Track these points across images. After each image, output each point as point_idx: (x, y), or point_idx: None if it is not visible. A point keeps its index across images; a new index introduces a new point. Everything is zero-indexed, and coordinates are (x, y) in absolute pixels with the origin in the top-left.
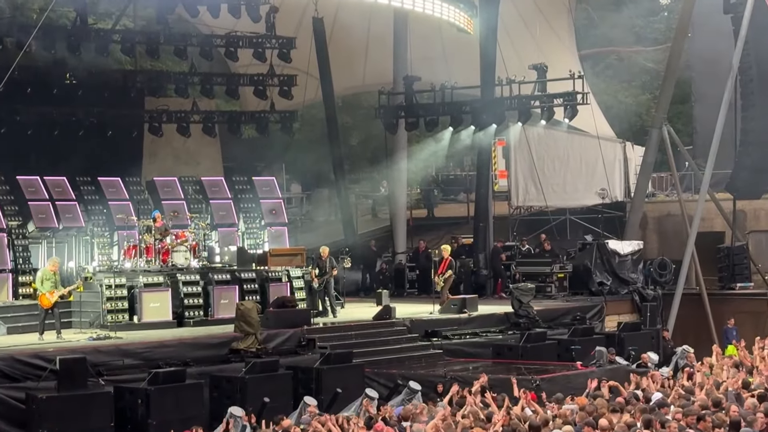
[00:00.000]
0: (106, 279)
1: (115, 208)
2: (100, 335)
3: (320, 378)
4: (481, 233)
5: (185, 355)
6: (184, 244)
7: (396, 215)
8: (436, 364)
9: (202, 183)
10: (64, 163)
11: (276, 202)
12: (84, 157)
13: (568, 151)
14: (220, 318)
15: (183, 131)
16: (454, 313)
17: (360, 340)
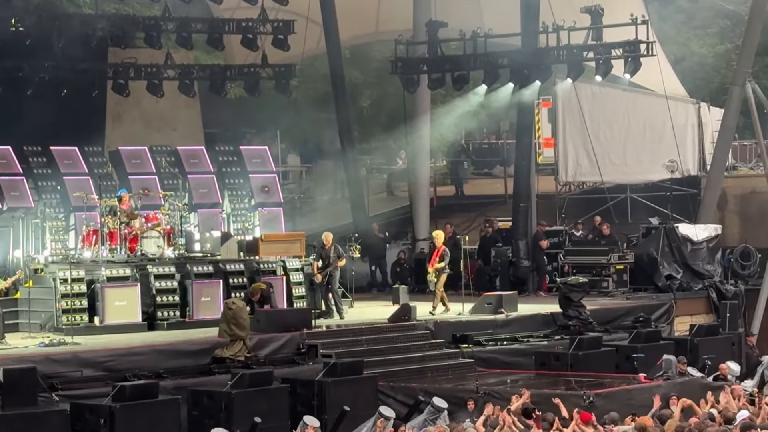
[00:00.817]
0: (61, 271)
1: (71, 185)
2: (53, 340)
3: (324, 393)
4: (521, 215)
5: (158, 365)
6: (156, 228)
7: (417, 193)
8: (465, 376)
9: (178, 153)
10: (9, 129)
11: (269, 177)
12: (33, 122)
13: (629, 114)
14: (201, 319)
15: (154, 90)
16: (489, 313)
17: (372, 347)
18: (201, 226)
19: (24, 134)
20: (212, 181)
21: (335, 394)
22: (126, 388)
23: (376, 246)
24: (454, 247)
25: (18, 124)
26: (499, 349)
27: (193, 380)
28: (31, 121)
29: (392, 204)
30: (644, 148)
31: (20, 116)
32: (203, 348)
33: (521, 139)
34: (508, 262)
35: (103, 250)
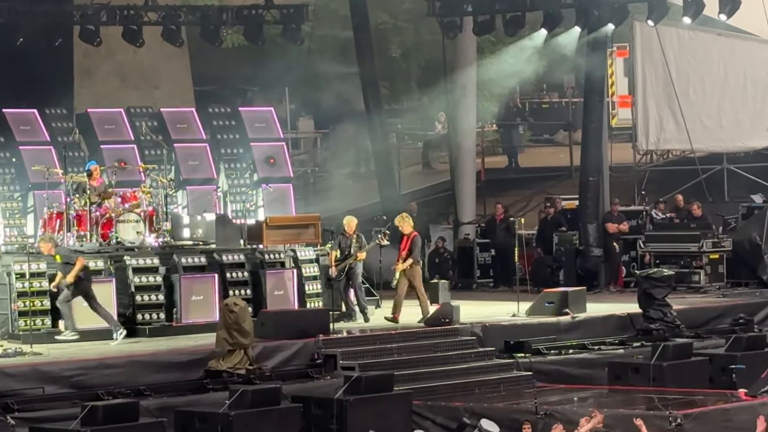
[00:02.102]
0: (17, 264)
1: (29, 156)
2: (7, 350)
3: (345, 414)
4: (590, 192)
5: (138, 380)
6: (134, 210)
7: (460, 166)
8: (521, 392)
9: (162, 117)
10: None
11: (275, 146)
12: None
13: (726, 66)
14: (191, 323)
15: (132, 38)
16: (550, 315)
17: (405, 357)
18: (191, 208)
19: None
20: (205, 151)
21: (359, 415)
22: (98, 409)
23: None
24: (507, 233)
25: None
26: (564, 360)
27: (181, 399)
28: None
29: (429, 179)
30: (744, 108)
31: None
32: (194, 359)
33: (590, 97)
34: (575, 250)
35: (69, 238)
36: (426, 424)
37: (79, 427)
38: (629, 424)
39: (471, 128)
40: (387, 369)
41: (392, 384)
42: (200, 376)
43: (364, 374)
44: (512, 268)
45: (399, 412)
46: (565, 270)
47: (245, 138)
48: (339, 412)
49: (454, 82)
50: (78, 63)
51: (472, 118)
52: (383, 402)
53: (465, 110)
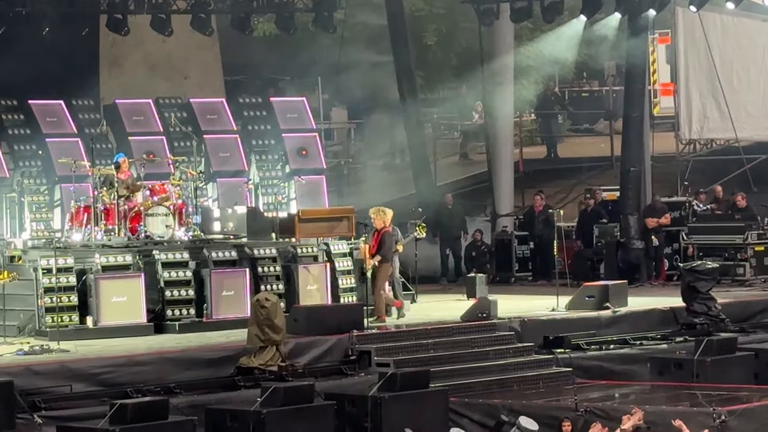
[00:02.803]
0: (44, 259)
1: (56, 148)
2: (34, 347)
3: (379, 412)
4: (632, 183)
5: (167, 378)
6: (164, 203)
7: (497, 156)
8: (561, 389)
9: (191, 107)
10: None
11: (308, 136)
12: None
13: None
14: (222, 319)
15: (161, 27)
16: (590, 309)
17: (441, 353)
18: (221, 200)
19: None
20: (235, 143)
21: (394, 413)
22: (127, 407)
23: (450, 223)
24: (545, 225)
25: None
26: (604, 355)
27: (212, 396)
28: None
29: (466, 170)
30: None
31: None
32: (225, 355)
33: (631, 85)
34: (616, 243)
35: (97, 232)
36: (463, 421)
37: (107, 425)
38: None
39: (509, 118)
40: (423, 365)
41: (428, 381)
42: (231, 373)
43: (400, 371)
44: (551, 262)
45: (435, 409)
46: (605, 263)
47: (277, 129)
48: (373, 410)
49: (491, 70)
50: (105, 53)
51: (510, 108)
52: (419, 399)
53: (502, 99)
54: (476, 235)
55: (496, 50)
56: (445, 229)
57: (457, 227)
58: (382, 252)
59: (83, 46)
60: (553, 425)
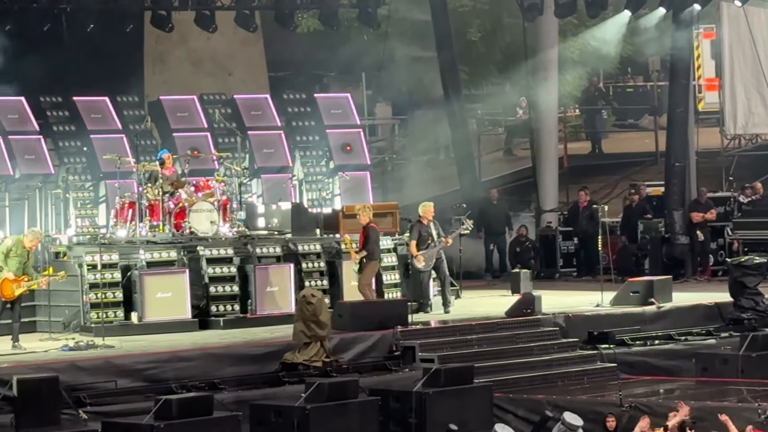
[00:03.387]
0: (89, 255)
1: (100, 145)
2: (79, 343)
3: (424, 408)
4: (677, 178)
5: (212, 373)
6: (208, 199)
7: (542, 152)
8: (605, 385)
9: (235, 103)
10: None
11: (352, 132)
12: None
13: None
14: (266, 315)
15: (205, 23)
16: (635, 304)
17: (486, 349)
18: (266, 196)
19: (41, 81)
20: (279, 139)
21: (438, 408)
22: (172, 403)
23: (495, 219)
24: (590, 220)
25: (33, 69)
26: (649, 351)
27: (257, 392)
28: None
29: (510, 166)
30: None
31: (35, 58)
32: (269, 351)
33: (676, 80)
34: (660, 238)
35: (141, 228)
36: (507, 417)
37: (152, 421)
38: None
39: (553, 113)
40: (467, 361)
41: (472, 376)
42: (276, 368)
43: (444, 366)
44: (596, 257)
45: (479, 405)
46: (650, 258)
47: (321, 125)
48: (418, 406)
49: (536, 66)
50: (150, 49)
51: (554, 103)
52: (463, 395)
53: (547, 95)
54: (521, 231)
55: (541, 45)
56: (490, 224)
57: (502, 223)
58: (369, 248)
59: (128, 42)
60: (598, 421)
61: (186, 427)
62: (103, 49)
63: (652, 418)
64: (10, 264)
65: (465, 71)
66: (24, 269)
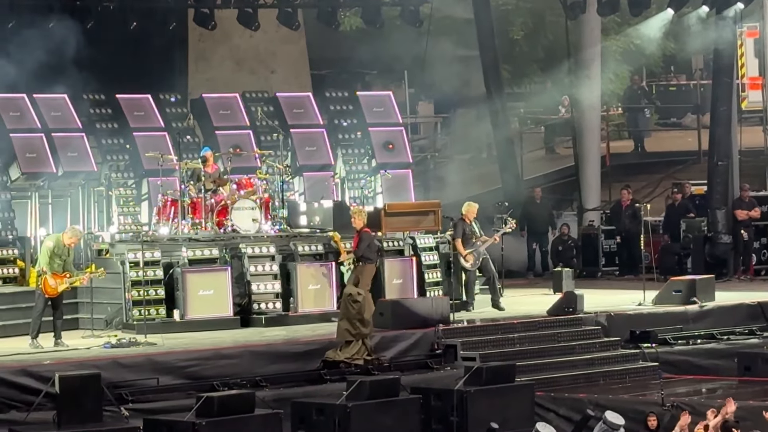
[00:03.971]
0: (131, 253)
1: (143, 142)
2: (121, 340)
3: (465, 406)
4: (719, 177)
5: (254, 371)
6: (250, 197)
7: (584, 151)
8: (647, 383)
9: (278, 101)
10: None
11: (395, 130)
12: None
13: None
14: (308, 312)
15: (248, 21)
16: (678, 303)
17: (527, 347)
18: (308, 194)
19: (83, 79)
20: (322, 137)
21: (480, 407)
22: (213, 400)
23: (538, 217)
24: (632, 219)
25: (76, 66)
26: (692, 350)
27: (298, 390)
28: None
29: (552, 164)
30: None
31: (79, 56)
32: (311, 349)
33: (719, 79)
34: (703, 237)
35: (183, 225)
36: (549, 416)
37: (194, 418)
38: (760, 417)
39: (595, 112)
40: (508, 359)
41: (514, 375)
42: (317, 366)
43: (485, 365)
44: (638, 256)
45: (521, 403)
46: (693, 257)
47: (363, 123)
48: (459, 404)
49: (578, 64)
50: (192, 47)
51: (597, 102)
52: (505, 393)
53: (589, 93)
54: (563, 230)
55: (583, 44)
56: (532, 223)
57: (545, 221)
58: (364, 252)
59: (171, 40)
60: (639, 420)
61: (227, 425)
62: (146, 46)
63: (694, 418)
64: (52, 262)
65: (507, 69)
66: (65, 266)
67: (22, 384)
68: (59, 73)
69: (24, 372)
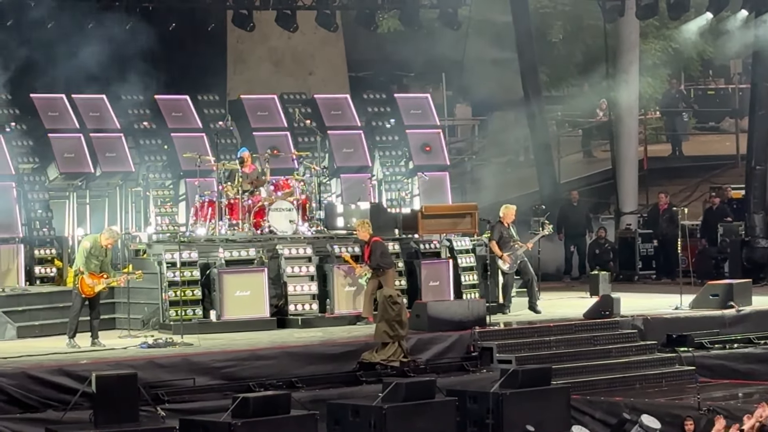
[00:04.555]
0: (168, 253)
1: (181, 143)
2: (158, 340)
3: (501, 409)
4: (757, 181)
5: (290, 372)
6: (287, 198)
7: (622, 154)
8: (684, 387)
9: (316, 103)
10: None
11: (432, 132)
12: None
13: None
14: (344, 314)
15: (286, 22)
16: (715, 308)
17: (563, 350)
18: (345, 196)
19: (122, 80)
20: (359, 139)
21: (516, 410)
22: (249, 401)
23: (575, 221)
24: (670, 223)
25: (114, 67)
26: (728, 354)
27: (334, 391)
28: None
29: (590, 167)
30: None
31: (117, 57)
32: (347, 351)
33: (758, 83)
34: (741, 241)
35: (221, 226)
36: (585, 419)
37: (230, 419)
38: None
39: (633, 115)
40: (545, 362)
41: (550, 378)
42: (353, 368)
43: (521, 368)
44: (675, 260)
45: (557, 406)
46: (730, 262)
47: (401, 125)
48: (495, 406)
49: (616, 67)
50: (230, 48)
51: (635, 105)
52: (541, 396)
53: (627, 97)
54: (600, 233)
55: (622, 47)
56: (569, 226)
57: (582, 225)
58: (378, 261)
59: (209, 41)
60: (676, 424)
61: (263, 426)
62: (185, 47)
63: (730, 422)
64: (89, 263)
65: (545, 73)
66: (102, 267)
67: (58, 383)
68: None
69: (61, 371)
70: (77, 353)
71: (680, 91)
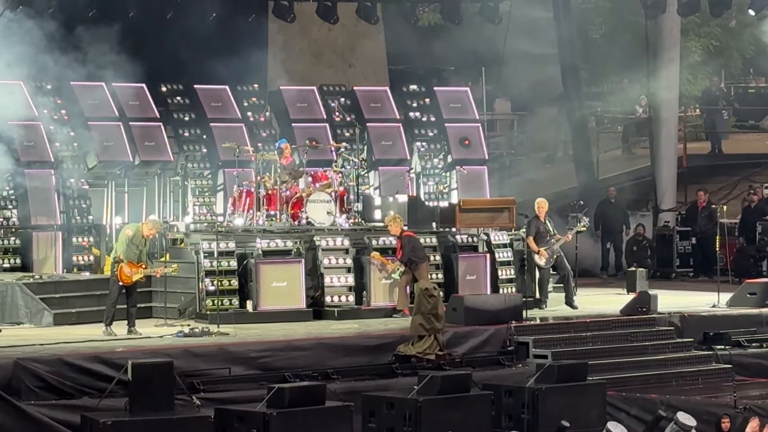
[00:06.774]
0: (206, 242)
1: (220, 133)
2: (194, 330)
3: (536, 404)
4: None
5: (325, 363)
6: (325, 190)
7: (661, 151)
8: (720, 386)
9: (355, 95)
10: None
11: (471, 127)
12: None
13: None
14: (381, 306)
15: (327, 14)
16: (752, 306)
17: (600, 346)
18: (383, 189)
19: (162, 69)
20: (398, 131)
21: (551, 405)
22: (285, 392)
23: (613, 217)
24: (708, 221)
25: (155, 56)
26: (765, 353)
27: (369, 383)
28: (172, 52)
29: (629, 164)
30: None
31: (157, 46)
32: (383, 343)
33: None
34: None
35: (258, 217)
36: (620, 415)
37: (265, 409)
38: None
39: (673, 112)
40: (581, 358)
41: (586, 373)
42: (389, 360)
43: (557, 363)
44: (713, 258)
45: (592, 402)
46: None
47: (440, 119)
48: (531, 401)
49: (657, 64)
50: (271, 39)
51: (675, 102)
52: (576, 392)
53: (667, 94)
54: (638, 230)
55: (663, 44)
56: (607, 222)
57: (620, 221)
58: (410, 256)
59: (250, 32)
60: (711, 422)
61: (298, 416)
62: (226, 38)
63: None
64: (129, 251)
65: (585, 69)
66: (140, 256)
67: (95, 371)
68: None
69: (97, 359)
70: (114, 341)
71: (720, 89)
